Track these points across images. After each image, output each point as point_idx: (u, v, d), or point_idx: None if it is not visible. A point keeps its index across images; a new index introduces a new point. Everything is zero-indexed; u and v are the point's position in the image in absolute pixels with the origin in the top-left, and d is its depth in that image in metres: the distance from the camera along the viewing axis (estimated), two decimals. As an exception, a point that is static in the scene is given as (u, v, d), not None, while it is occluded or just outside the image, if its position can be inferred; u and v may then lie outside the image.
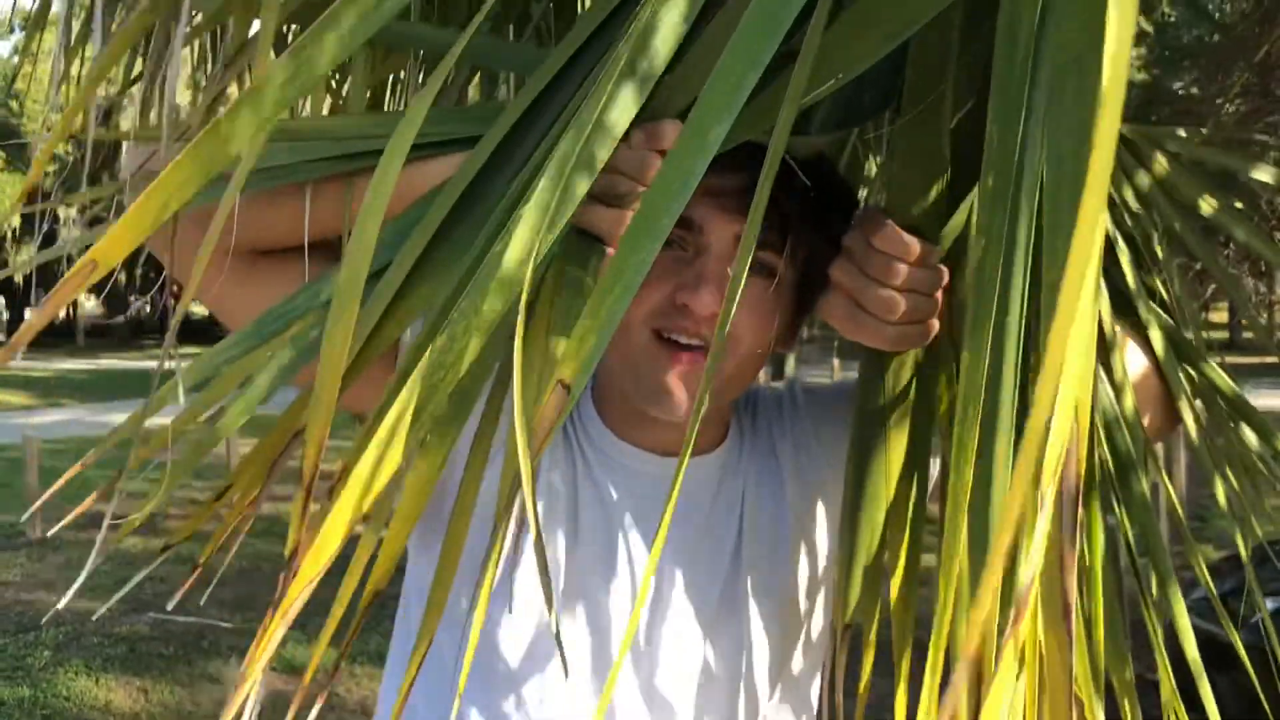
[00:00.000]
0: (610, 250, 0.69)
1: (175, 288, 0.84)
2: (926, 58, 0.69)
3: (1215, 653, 1.12)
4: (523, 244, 0.58)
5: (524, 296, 0.56)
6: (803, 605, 0.98)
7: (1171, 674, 0.85)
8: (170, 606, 0.58)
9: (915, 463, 0.78)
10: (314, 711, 0.55)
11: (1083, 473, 0.41)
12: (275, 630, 0.50)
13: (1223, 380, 1.02)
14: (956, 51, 0.68)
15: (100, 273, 0.53)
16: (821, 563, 0.99)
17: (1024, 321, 0.54)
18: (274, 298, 0.69)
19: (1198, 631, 1.00)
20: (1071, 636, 0.40)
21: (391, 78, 1.48)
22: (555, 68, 0.69)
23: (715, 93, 0.57)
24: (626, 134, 0.66)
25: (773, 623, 0.96)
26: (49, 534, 6.74)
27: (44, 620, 5.02)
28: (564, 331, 0.63)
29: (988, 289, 0.54)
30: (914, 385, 0.79)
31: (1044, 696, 0.46)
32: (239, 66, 0.83)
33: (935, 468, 0.81)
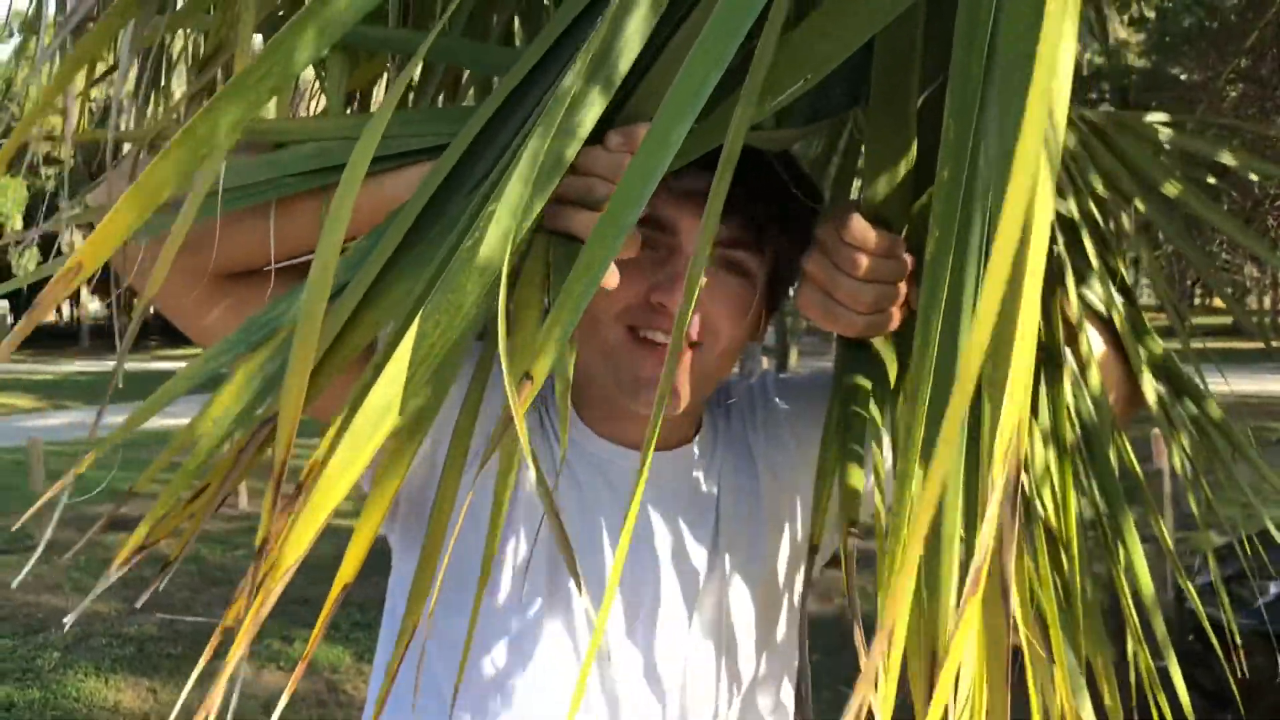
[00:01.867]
0: None
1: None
2: (892, 54, 0.70)
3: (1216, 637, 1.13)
4: (497, 238, 0.59)
5: (503, 287, 0.57)
6: (780, 589, 1.00)
7: (1147, 652, 0.86)
8: (139, 604, 0.59)
9: (894, 444, 0.79)
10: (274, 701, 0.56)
11: (1023, 448, 0.42)
12: (250, 625, 0.51)
13: (1172, 361, 1.03)
14: (921, 47, 0.69)
15: (85, 274, 0.54)
16: (798, 551, 1.01)
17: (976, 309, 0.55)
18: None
19: (1196, 616, 1.00)
20: (1009, 616, 0.41)
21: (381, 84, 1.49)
22: (526, 68, 0.70)
23: (679, 92, 0.58)
24: (603, 138, 0.67)
25: (752, 608, 0.98)
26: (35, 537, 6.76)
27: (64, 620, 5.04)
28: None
29: (939, 279, 0.55)
30: (890, 368, 0.81)
31: (985, 673, 0.47)
32: (214, 68, 0.84)
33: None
